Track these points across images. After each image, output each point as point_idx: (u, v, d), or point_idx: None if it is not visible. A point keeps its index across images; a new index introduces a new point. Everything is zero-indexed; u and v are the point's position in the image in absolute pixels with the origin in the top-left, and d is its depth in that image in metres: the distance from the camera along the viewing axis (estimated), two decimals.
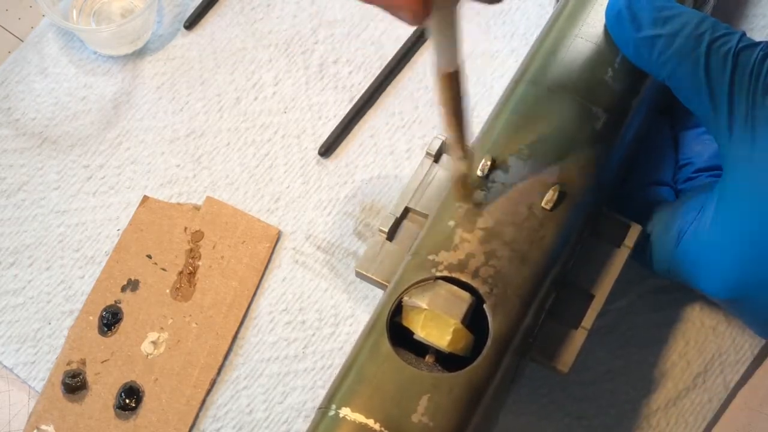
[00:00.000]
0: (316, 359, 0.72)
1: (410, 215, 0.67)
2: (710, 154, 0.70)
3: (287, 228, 0.76)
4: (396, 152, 0.78)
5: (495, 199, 0.62)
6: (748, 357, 0.72)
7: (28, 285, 0.74)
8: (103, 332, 0.72)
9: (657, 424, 0.70)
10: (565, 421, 0.70)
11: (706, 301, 0.73)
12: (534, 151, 0.64)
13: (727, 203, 0.62)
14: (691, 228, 0.64)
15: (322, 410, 0.59)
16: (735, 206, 0.61)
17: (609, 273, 0.65)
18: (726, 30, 0.62)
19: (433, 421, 0.56)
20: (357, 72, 0.80)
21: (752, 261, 0.60)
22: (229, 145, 0.78)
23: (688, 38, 0.62)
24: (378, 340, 0.59)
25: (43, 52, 0.81)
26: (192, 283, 0.74)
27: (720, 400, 0.71)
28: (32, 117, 0.79)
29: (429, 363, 0.59)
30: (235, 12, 0.83)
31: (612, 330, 0.72)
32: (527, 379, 0.70)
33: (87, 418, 0.70)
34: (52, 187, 0.77)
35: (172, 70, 0.81)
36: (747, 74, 0.60)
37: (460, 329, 0.58)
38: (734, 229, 0.61)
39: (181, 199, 0.77)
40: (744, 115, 0.60)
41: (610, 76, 0.66)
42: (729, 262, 0.62)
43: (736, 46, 0.61)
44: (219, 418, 0.71)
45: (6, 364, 0.72)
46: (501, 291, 0.59)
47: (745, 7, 0.81)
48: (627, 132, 0.66)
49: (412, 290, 0.60)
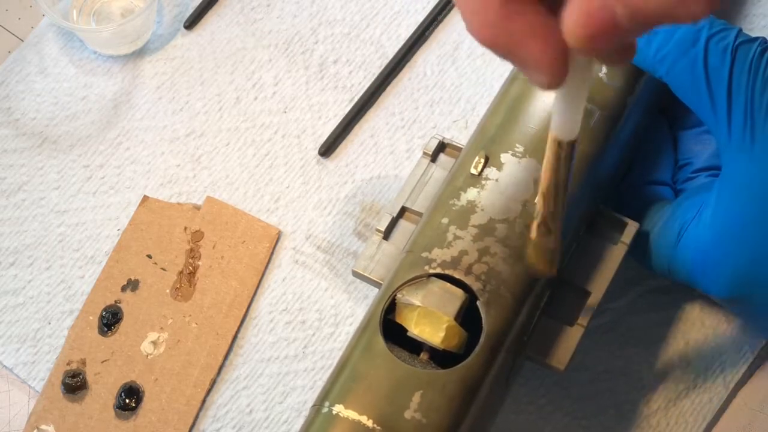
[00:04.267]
0: (316, 359, 0.72)
1: (407, 214, 0.68)
2: (709, 153, 0.69)
3: (287, 228, 0.76)
4: (396, 152, 0.78)
5: (488, 197, 0.62)
6: (748, 357, 0.71)
7: (28, 285, 0.74)
8: (103, 332, 0.73)
9: (657, 424, 0.70)
10: (564, 421, 0.70)
11: (706, 301, 0.72)
12: (528, 148, 0.63)
13: (727, 201, 0.62)
14: (691, 227, 0.64)
15: (316, 407, 0.59)
16: (734, 203, 0.61)
17: (605, 270, 0.65)
18: (723, 26, 0.62)
19: (426, 418, 0.56)
20: (357, 72, 0.81)
21: (752, 259, 0.60)
22: (229, 145, 0.78)
23: (685, 34, 0.61)
24: (372, 337, 0.59)
25: (43, 52, 0.81)
26: (192, 283, 0.74)
27: (720, 400, 0.70)
28: (32, 117, 0.79)
29: (423, 360, 0.59)
30: (235, 12, 0.83)
31: (611, 330, 0.72)
32: (526, 379, 0.70)
33: (87, 418, 0.70)
34: (52, 187, 0.77)
35: (172, 70, 0.81)
36: (745, 69, 0.60)
37: (453, 326, 0.58)
38: (734, 227, 0.61)
39: (181, 199, 0.77)
40: (743, 111, 0.60)
41: (604, 74, 0.66)
42: (729, 260, 0.61)
43: (734, 42, 0.61)
44: (219, 418, 0.71)
45: (6, 364, 0.72)
46: (494, 288, 0.59)
47: (744, 6, 0.80)
48: (623, 130, 0.66)
49: (406, 287, 0.60)
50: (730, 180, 0.62)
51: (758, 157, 0.60)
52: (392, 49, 0.81)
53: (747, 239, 0.60)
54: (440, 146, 0.69)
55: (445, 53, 0.81)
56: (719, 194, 0.62)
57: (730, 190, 0.62)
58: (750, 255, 0.60)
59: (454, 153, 0.68)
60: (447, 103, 0.79)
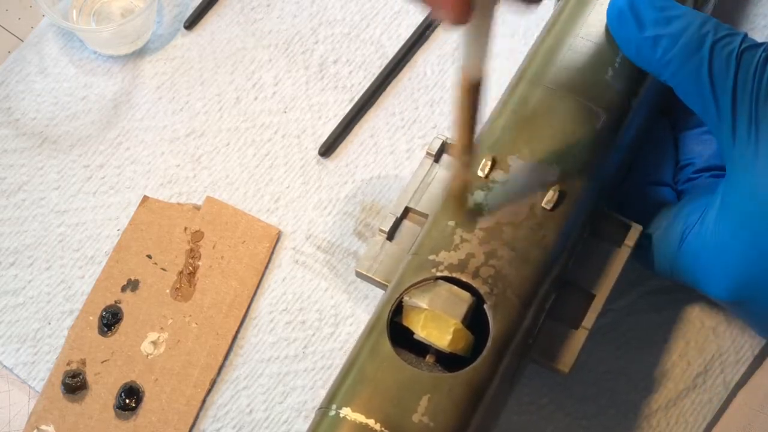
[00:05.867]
0: (316, 359, 0.72)
1: (410, 215, 0.67)
2: (711, 154, 0.69)
3: (287, 228, 0.76)
4: (396, 152, 0.78)
5: (495, 199, 0.62)
6: (748, 357, 0.72)
7: (28, 285, 0.74)
8: (103, 332, 0.72)
9: (657, 424, 0.70)
10: (566, 421, 0.70)
11: (706, 302, 0.73)
12: (534, 151, 0.64)
13: (730, 205, 0.62)
14: (694, 230, 0.64)
15: (322, 410, 0.59)
16: (738, 207, 0.61)
17: (609, 273, 0.65)
18: (729, 31, 0.62)
19: (433, 421, 0.56)
20: (357, 72, 0.80)
21: (755, 263, 0.60)
22: (229, 145, 0.78)
23: (691, 39, 0.61)
24: (378, 340, 0.59)
25: (43, 52, 0.81)
26: (192, 283, 0.74)
27: (720, 400, 0.71)
28: (32, 117, 0.79)
29: (429, 363, 0.59)
30: (235, 12, 0.82)
31: (612, 330, 0.72)
32: (527, 379, 0.70)
33: (87, 418, 0.70)
34: (52, 187, 0.77)
35: (172, 70, 0.81)
36: (750, 75, 0.60)
37: (460, 329, 0.58)
38: (737, 232, 0.61)
39: (181, 199, 0.77)
40: (747, 116, 0.60)
41: (610, 76, 0.66)
42: (732, 264, 0.62)
43: (739, 47, 0.61)
44: (219, 418, 0.71)
45: (6, 364, 0.72)
46: (501, 291, 0.59)
47: (745, 6, 0.81)
48: (627, 132, 0.66)
49: (413, 290, 0.60)
50: (733, 185, 0.62)
51: (762, 162, 0.60)
52: (392, 49, 0.81)
53: (750, 243, 0.60)
54: (443, 146, 0.69)
55: (445, 53, 0.81)
56: (723, 199, 0.62)
57: (733, 195, 0.62)
58: (753, 259, 0.60)
59: None
60: (447, 103, 0.79)
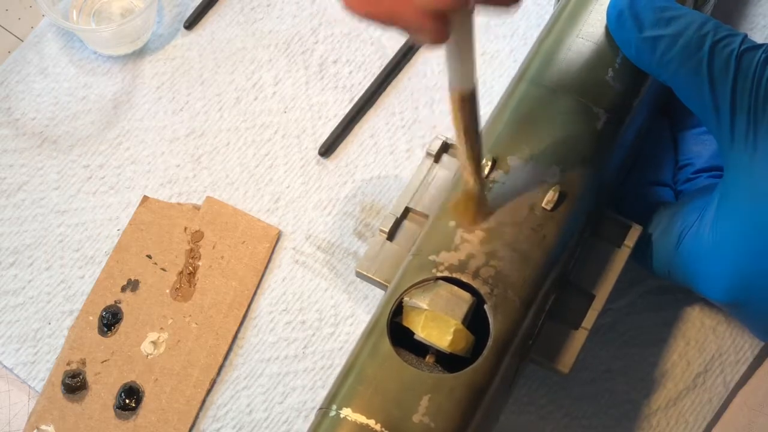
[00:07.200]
0: (316, 359, 0.72)
1: (410, 215, 0.67)
2: (710, 154, 0.70)
3: (287, 228, 0.76)
4: (396, 152, 0.78)
5: (495, 200, 0.62)
6: (748, 357, 0.72)
7: (28, 285, 0.74)
8: (103, 332, 0.72)
9: (657, 424, 0.70)
10: (565, 421, 0.70)
11: (706, 302, 0.73)
12: (535, 151, 0.64)
13: (728, 206, 0.62)
14: (692, 230, 0.64)
15: (322, 411, 0.59)
16: (735, 210, 0.61)
17: (609, 273, 0.65)
18: (729, 32, 0.62)
19: (434, 422, 0.56)
20: (357, 72, 0.80)
21: (752, 265, 0.60)
22: (229, 145, 0.78)
23: (690, 39, 0.61)
24: (378, 340, 0.59)
25: (43, 52, 0.81)
26: (192, 283, 0.74)
27: (720, 400, 0.71)
28: (32, 117, 0.79)
29: (429, 363, 0.59)
30: (235, 12, 0.82)
31: (612, 330, 0.72)
32: (527, 379, 0.70)
33: (87, 418, 0.70)
34: (52, 187, 0.77)
35: (172, 70, 0.81)
36: (749, 77, 0.60)
37: (460, 330, 0.58)
38: (735, 233, 0.61)
39: (181, 199, 0.77)
40: (746, 118, 0.60)
41: (610, 77, 0.66)
42: (729, 265, 0.62)
43: (738, 49, 0.61)
44: (219, 418, 0.71)
45: (6, 364, 0.72)
46: (501, 291, 0.59)
47: (745, 6, 0.81)
48: (627, 132, 0.66)
49: (413, 290, 0.60)
50: (731, 186, 0.62)
51: (760, 164, 0.60)
52: (392, 49, 0.81)
53: (747, 245, 0.60)
54: (444, 146, 0.69)
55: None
56: (720, 200, 0.62)
57: (731, 197, 0.62)
58: (749, 261, 0.60)
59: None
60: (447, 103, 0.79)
